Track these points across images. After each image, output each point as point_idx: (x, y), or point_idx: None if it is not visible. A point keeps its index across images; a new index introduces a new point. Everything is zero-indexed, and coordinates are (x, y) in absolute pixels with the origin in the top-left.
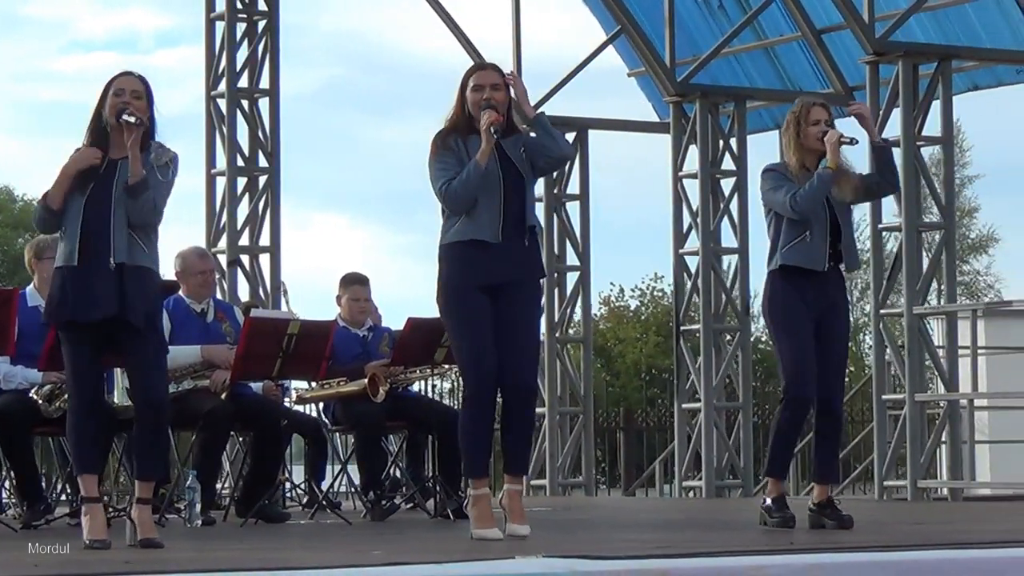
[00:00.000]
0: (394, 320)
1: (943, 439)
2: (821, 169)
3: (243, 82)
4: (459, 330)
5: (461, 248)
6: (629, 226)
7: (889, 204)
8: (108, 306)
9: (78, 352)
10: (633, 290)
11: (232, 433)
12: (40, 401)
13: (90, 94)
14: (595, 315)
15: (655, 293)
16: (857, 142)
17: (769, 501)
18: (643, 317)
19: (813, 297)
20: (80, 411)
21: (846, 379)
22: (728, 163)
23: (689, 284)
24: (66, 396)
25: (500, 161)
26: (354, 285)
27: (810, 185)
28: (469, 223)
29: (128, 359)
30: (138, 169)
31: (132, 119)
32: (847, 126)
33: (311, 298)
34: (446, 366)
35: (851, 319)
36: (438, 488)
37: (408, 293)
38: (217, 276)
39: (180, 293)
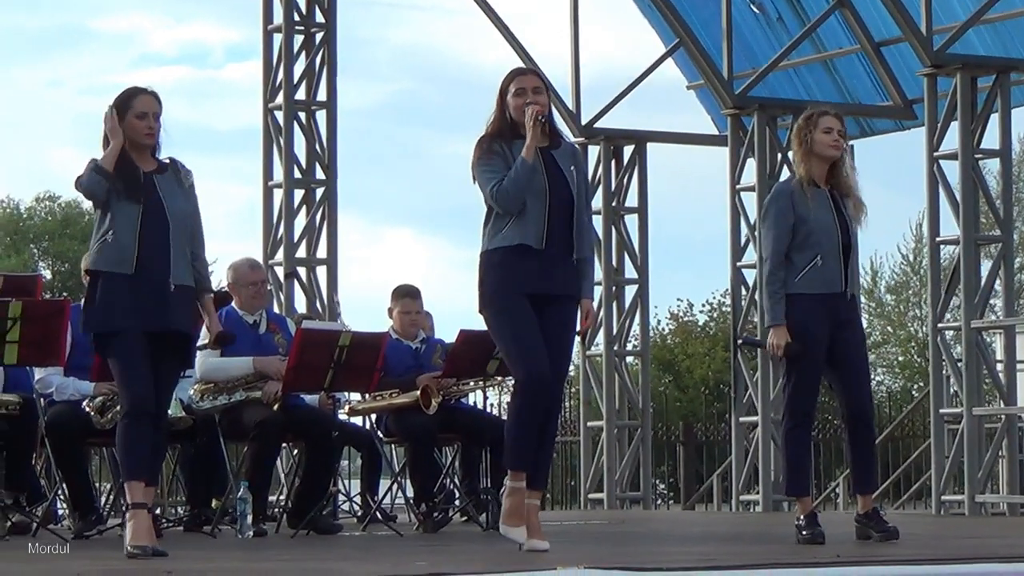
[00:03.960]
0: (453, 332)
1: (1001, 453)
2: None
3: (300, 94)
4: (507, 328)
5: (505, 254)
6: (691, 240)
7: (948, 216)
8: (164, 321)
9: (133, 358)
10: (703, 305)
11: (284, 444)
12: (92, 412)
13: (163, 108)
14: (664, 330)
15: (724, 309)
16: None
17: (801, 519)
18: (712, 332)
19: (825, 319)
20: (132, 417)
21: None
22: (786, 176)
23: (747, 297)
24: (118, 408)
25: (546, 169)
26: (405, 298)
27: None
28: (514, 228)
29: (155, 369)
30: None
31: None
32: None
33: (377, 311)
34: (499, 378)
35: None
36: (491, 500)
37: (467, 306)
38: (271, 288)
39: (233, 305)
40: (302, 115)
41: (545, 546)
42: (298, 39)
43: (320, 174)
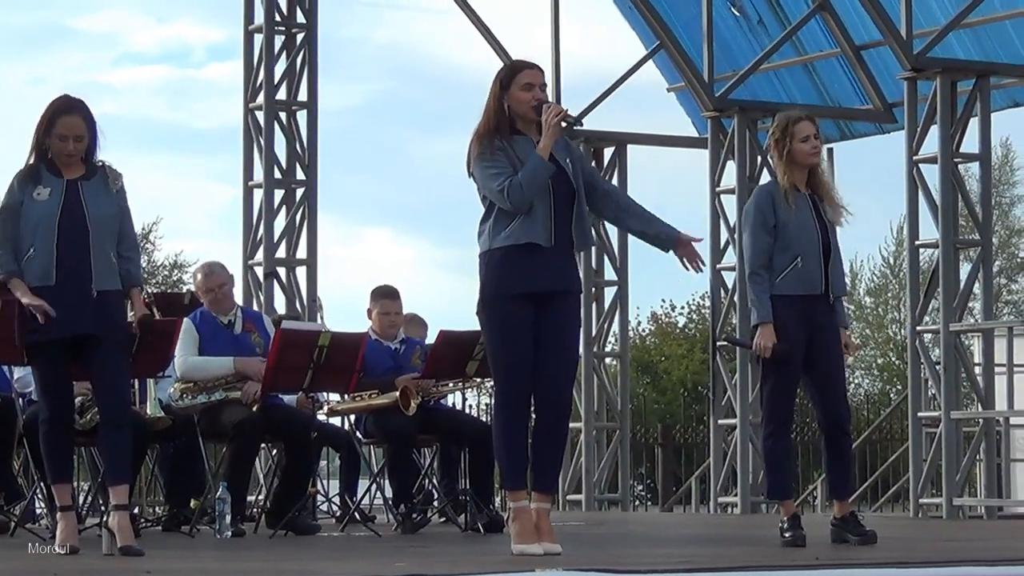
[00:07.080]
0: (432, 333)
1: (979, 457)
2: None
3: (281, 94)
4: (498, 338)
5: (511, 253)
6: None
7: (927, 220)
8: (86, 324)
9: (50, 369)
10: (684, 307)
11: (263, 445)
12: None
13: (144, 107)
14: (643, 331)
15: (703, 311)
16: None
17: (784, 521)
18: (691, 334)
19: (804, 321)
20: (54, 423)
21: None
22: (765, 178)
23: (726, 299)
24: (97, 408)
25: None
26: (384, 299)
27: None
28: (522, 226)
29: (94, 368)
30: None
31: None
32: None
33: (357, 312)
34: (478, 379)
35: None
36: (469, 501)
37: (447, 306)
38: (253, 286)
39: (204, 306)
40: (283, 115)
41: (557, 549)
42: (279, 39)
43: (300, 174)
